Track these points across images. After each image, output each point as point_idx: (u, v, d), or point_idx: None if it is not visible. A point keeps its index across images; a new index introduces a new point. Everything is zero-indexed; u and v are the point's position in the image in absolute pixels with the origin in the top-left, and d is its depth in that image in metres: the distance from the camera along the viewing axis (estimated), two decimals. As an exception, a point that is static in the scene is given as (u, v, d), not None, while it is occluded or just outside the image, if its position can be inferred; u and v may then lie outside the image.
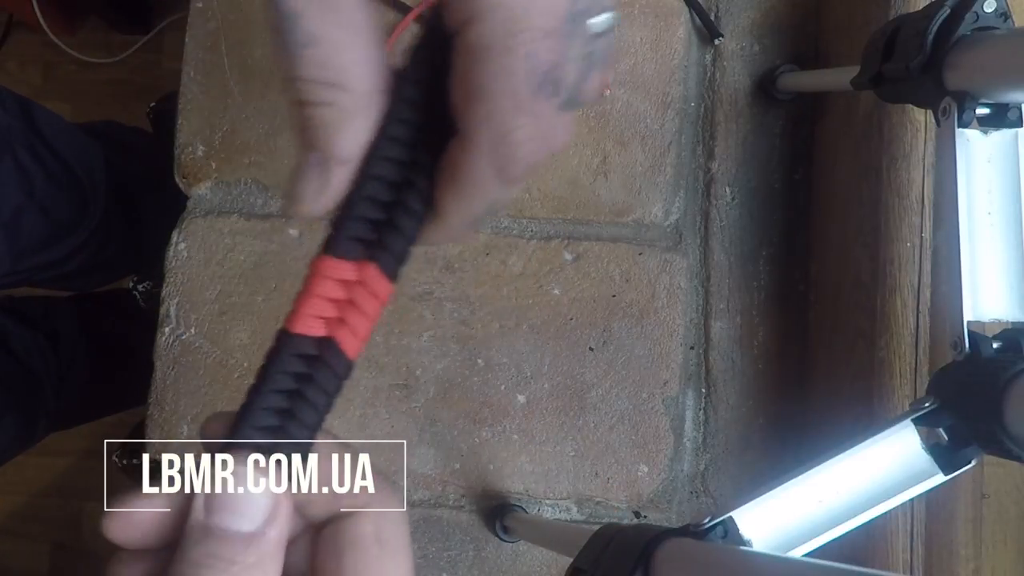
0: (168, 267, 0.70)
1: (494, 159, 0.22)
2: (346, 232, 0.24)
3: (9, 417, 0.88)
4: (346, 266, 0.23)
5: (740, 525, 0.42)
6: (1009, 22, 0.46)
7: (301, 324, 0.23)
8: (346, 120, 0.22)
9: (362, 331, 0.24)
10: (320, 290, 0.24)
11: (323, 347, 0.23)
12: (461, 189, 0.23)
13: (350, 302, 0.23)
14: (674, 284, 0.71)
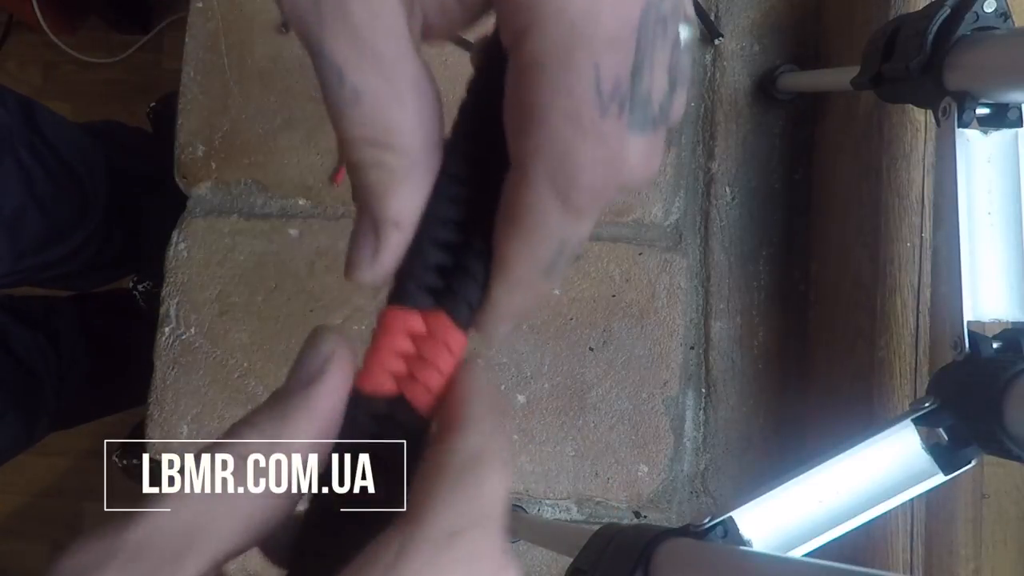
0: (168, 267, 0.70)
1: (554, 188, 0.19)
2: (412, 280, 0.22)
3: (9, 416, 0.88)
4: (414, 317, 0.22)
5: (740, 525, 0.42)
6: (1009, 22, 0.46)
7: (371, 382, 0.22)
8: (397, 182, 0.21)
9: (435, 386, 0.22)
10: (388, 345, 0.22)
11: (394, 406, 0.22)
12: (522, 229, 0.21)
13: (420, 356, 0.22)
14: (674, 284, 0.71)
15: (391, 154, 0.20)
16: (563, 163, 0.19)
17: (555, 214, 0.20)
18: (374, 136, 0.20)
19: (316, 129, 0.72)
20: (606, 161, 0.19)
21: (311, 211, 0.71)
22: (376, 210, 0.21)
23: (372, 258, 0.21)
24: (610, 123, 0.19)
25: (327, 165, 0.71)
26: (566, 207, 0.20)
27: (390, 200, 0.21)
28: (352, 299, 0.70)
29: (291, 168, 0.71)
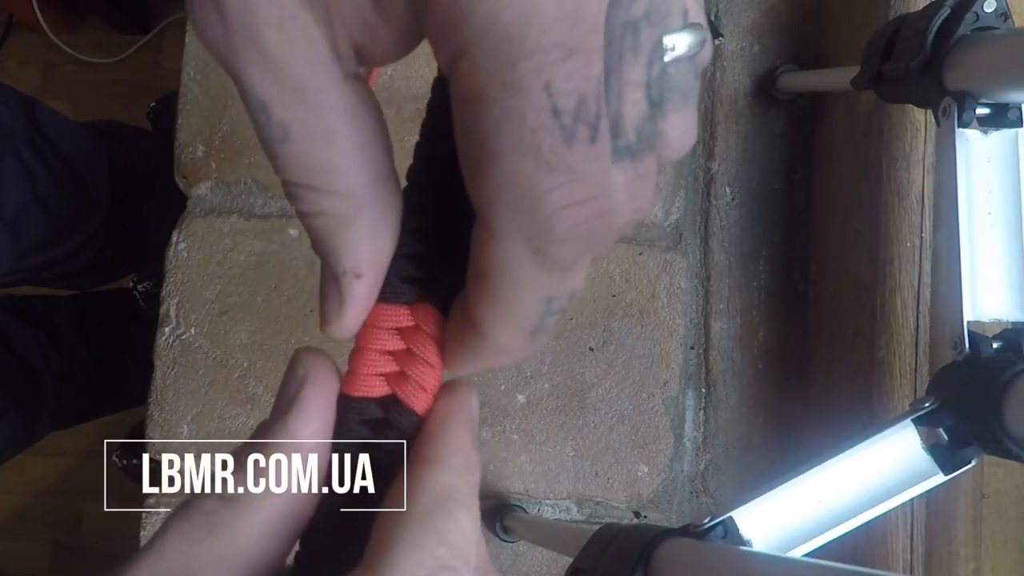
0: (168, 267, 0.70)
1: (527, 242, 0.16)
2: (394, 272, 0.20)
3: (10, 415, 0.88)
4: (399, 311, 0.20)
5: (740, 525, 0.42)
6: (1009, 22, 0.46)
7: (361, 385, 0.20)
8: (344, 228, 0.18)
9: (428, 383, 0.20)
10: (375, 343, 0.20)
11: (389, 408, 0.20)
12: (496, 293, 0.17)
13: (409, 352, 0.20)
14: (674, 284, 0.71)
15: (331, 198, 0.18)
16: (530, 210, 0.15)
17: (532, 273, 0.16)
18: (308, 179, 0.18)
19: (316, 129, 0.72)
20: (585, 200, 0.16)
21: (311, 211, 0.71)
22: (330, 262, 0.19)
23: (338, 312, 0.20)
24: (580, 151, 0.15)
25: (327, 165, 0.71)
26: (544, 263, 0.16)
27: (341, 249, 0.19)
28: (352, 299, 0.70)
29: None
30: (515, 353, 0.19)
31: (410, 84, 0.72)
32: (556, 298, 0.17)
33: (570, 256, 0.16)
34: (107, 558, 1.39)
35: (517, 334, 0.18)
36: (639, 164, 0.17)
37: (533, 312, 0.18)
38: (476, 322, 0.18)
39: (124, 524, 0.79)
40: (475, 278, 0.18)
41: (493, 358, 0.19)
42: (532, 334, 0.18)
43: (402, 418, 0.20)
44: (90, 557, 1.40)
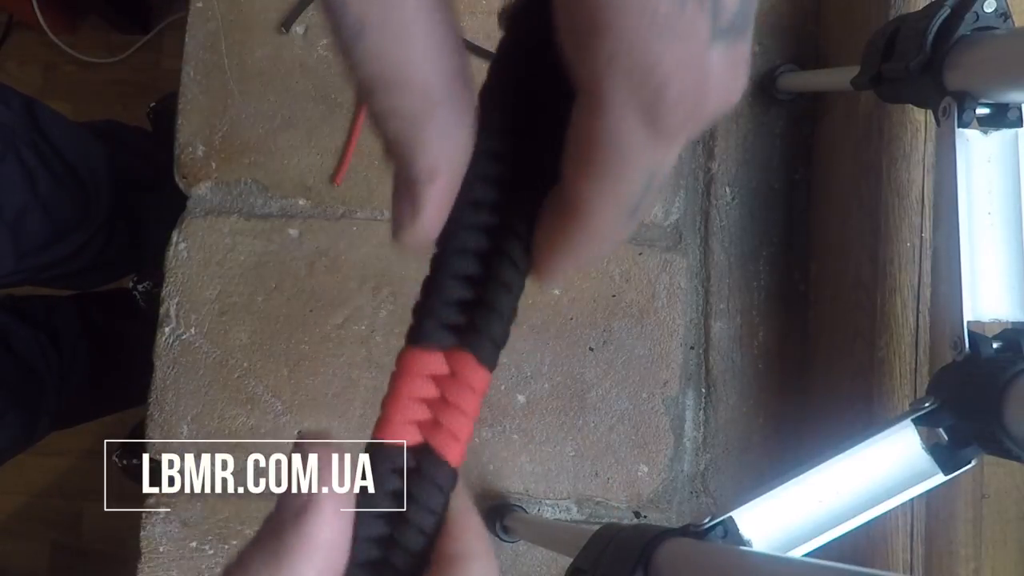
0: (168, 267, 0.70)
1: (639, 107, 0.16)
2: (431, 317, 0.20)
3: (10, 415, 0.88)
4: (435, 358, 0.20)
5: (740, 525, 0.42)
6: (1009, 22, 0.46)
7: (392, 432, 0.20)
8: (419, 128, 0.18)
9: (463, 433, 0.20)
10: (408, 391, 0.20)
11: (421, 457, 0.20)
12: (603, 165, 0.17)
13: (443, 400, 0.20)
14: (674, 284, 0.71)
15: (407, 95, 0.17)
16: (645, 72, 0.16)
17: (642, 140, 0.17)
18: (384, 75, 0.17)
19: (316, 129, 0.72)
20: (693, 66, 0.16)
21: (311, 211, 0.71)
22: (404, 164, 0.18)
23: (412, 218, 0.19)
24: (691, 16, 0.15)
25: (327, 165, 0.71)
26: (655, 130, 0.16)
27: (416, 150, 0.18)
28: (352, 299, 0.70)
29: (291, 168, 0.71)
30: (614, 236, 0.19)
31: (410, 84, 0.72)
32: (657, 173, 0.17)
33: (677, 123, 0.16)
34: (107, 558, 1.39)
35: (619, 213, 0.18)
36: (735, 47, 0.17)
37: (637, 187, 0.18)
38: (578, 205, 0.18)
39: (124, 524, 0.79)
40: (580, 157, 0.18)
41: (591, 245, 0.19)
42: (632, 214, 0.18)
43: (434, 468, 0.20)
44: (90, 557, 1.40)
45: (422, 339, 0.20)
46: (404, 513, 0.20)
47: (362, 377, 0.69)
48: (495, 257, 0.20)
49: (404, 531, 0.20)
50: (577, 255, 0.19)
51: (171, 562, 0.67)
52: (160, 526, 0.68)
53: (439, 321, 0.20)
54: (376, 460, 0.20)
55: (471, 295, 0.20)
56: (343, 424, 0.68)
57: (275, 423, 0.68)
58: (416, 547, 0.20)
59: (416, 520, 0.20)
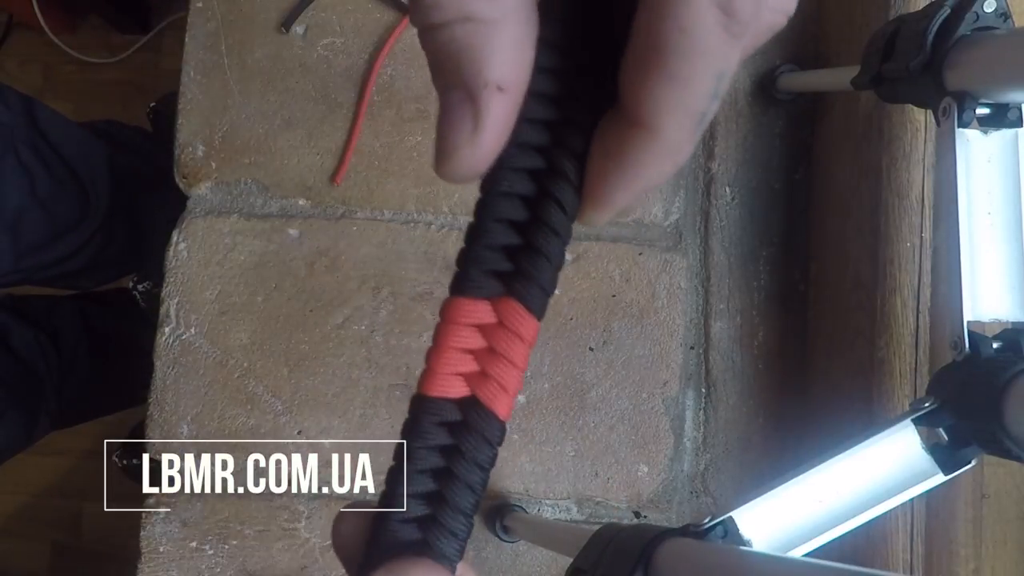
0: (168, 267, 0.70)
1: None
2: (477, 265, 0.19)
3: (10, 415, 0.88)
4: (481, 306, 0.19)
5: (740, 525, 0.42)
6: (1009, 22, 0.46)
7: (438, 385, 0.19)
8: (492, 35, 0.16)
9: (511, 384, 0.20)
10: (454, 341, 0.19)
11: (468, 410, 0.19)
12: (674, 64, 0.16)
13: (491, 350, 0.19)
14: (674, 284, 0.71)
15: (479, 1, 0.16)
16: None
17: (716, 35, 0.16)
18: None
19: (316, 129, 0.72)
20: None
21: (311, 211, 0.71)
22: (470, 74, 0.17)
23: (472, 135, 0.17)
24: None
25: (327, 165, 0.71)
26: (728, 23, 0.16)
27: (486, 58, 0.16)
28: (352, 299, 0.70)
29: (291, 168, 0.71)
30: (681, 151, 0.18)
31: (410, 84, 0.72)
32: (724, 74, 0.17)
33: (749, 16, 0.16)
34: (107, 558, 1.39)
35: (686, 121, 0.17)
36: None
37: (707, 89, 0.17)
38: (643, 118, 0.17)
39: (124, 524, 0.79)
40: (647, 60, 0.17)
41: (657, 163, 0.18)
42: (699, 123, 0.17)
43: (482, 421, 0.19)
44: (90, 557, 1.40)
45: (468, 287, 0.19)
46: (451, 468, 0.19)
47: (362, 377, 0.69)
48: (543, 200, 0.19)
49: (452, 487, 0.19)
50: (640, 179, 0.18)
51: (171, 562, 0.67)
52: (160, 526, 0.68)
53: (484, 268, 0.19)
54: (421, 414, 0.19)
55: (518, 241, 0.19)
56: (343, 424, 0.68)
57: (275, 423, 0.68)
58: (465, 505, 0.19)
59: (464, 476, 0.19)
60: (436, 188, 0.71)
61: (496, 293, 0.19)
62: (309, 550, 0.68)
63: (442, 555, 0.19)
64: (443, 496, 0.19)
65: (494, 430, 0.20)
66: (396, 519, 0.19)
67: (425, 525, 0.19)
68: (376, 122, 0.71)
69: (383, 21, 0.72)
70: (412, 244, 0.70)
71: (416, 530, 0.19)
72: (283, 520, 0.68)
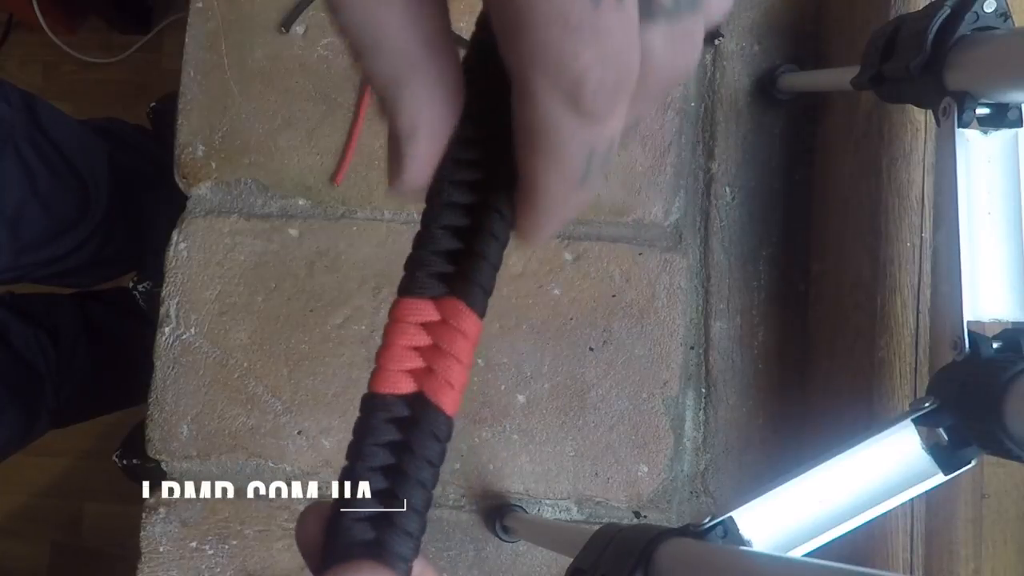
0: (168, 267, 0.70)
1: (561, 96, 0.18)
2: (422, 267, 0.20)
3: (9, 412, 0.88)
4: (426, 306, 0.20)
5: (740, 525, 0.42)
6: (1009, 22, 0.46)
7: (386, 382, 0.20)
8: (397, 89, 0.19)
9: (456, 380, 0.20)
10: (401, 339, 0.20)
11: (415, 406, 0.20)
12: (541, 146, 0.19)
13: (436, 347, 0.20)
14: (674, 284, 0.71)
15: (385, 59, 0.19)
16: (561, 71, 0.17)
17: (570, 123, 0.18)
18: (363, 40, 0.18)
19: (316, 129, 0.72)
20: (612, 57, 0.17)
21: (311, 211, 0.71)
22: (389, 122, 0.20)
23: (397, 172, 0.20)
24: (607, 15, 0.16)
25: (327, 165, 0.71)
26: (581, 113, 0.18)
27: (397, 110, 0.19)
28: (352, 299, 0.70)
29: (291, 168, 0.71)
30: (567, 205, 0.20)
31: (410, 84, 0.72)
32: (598, 146, 0.19)
33: (603, 107, 0.18)
34: (107, 558, 1.39)
35: (569, 183, 0.20)
36: (677, 25, 0.18)
37: (578, 161, 0.19)
38: (530, 180, 0.20)
39: (124, 524, 0.79)
40: (522, 139, 0.19)
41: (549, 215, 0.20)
42: (582, 181, 0.20)
43: (429, 416, 0.20)
44: (90, 557, 1.40)
45: (413, 287, 0.20)
46: (401, 465, 0.20)
47: (362, 377, 0.68)
48: (482, 209, 0.21)
49: (403, 485, 0.20)
50: (541, 223, 0.21)
51: (171, 562, 0.67)
52: (160, 526, 0.68)
53: (429, 271, 0.21)
54: (371, 411, 0.20)
55: (460, 245, 0.21)
56: (343, 424, 0.68)
57: (275, 423, 0.68)
58: (417, 503, 0.20)
59: (413, 472, 0.20)
60: (436, 188, 0.71)
61: (440, 293, 0.20)
62: (309, 550, 0.68)
63: (396, 554, 0.19)
64: (395, 494, 0.20)
65: (441, 425, 0.20)
66: (350, 518, 0.19)
67: (378, 524, 0.20)
68: (376, 122, 0.71)
69: None
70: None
71: (370, 529, 0.19)
72: (283, 520, 0.68)
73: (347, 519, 0.19)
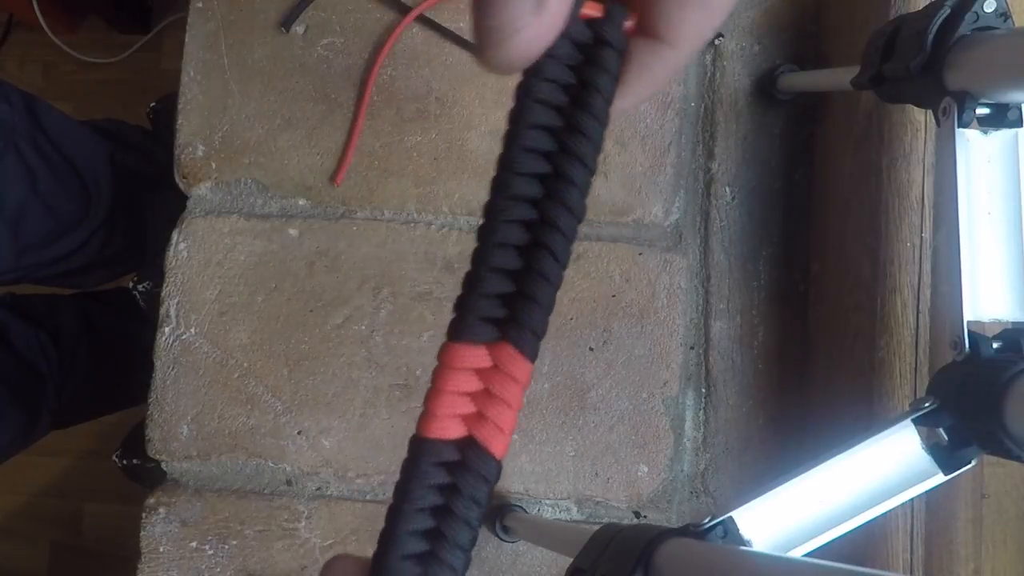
0: (168, 267, 0.70)
1: None
2: (473, 312, 0.20)
3: (11, 413, 0.88)
4: (478, 352, 0.20)
5: (740, 525, 0.42)
6: (1009, 22, 0.46)
7: (436, 427, 0.20)
8: None
9: (506, 424, 0.20)
10: (452, 385, 0.20)
11: (465, 450, 0.20)
12: None
13: (487, 392, 0.20)
14: (674, 284, 0.71)
15: None
16: None
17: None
18: None
19: (316, 129, 0.72)
20: None
21: (311, 211, 0.71)
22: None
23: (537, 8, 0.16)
24: None
25: (327, 165, 0.71)
26: None
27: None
28: (352, 299, 0.70)
29: (291, 168, 0.71)
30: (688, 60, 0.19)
31: (410, 84, 0.72)
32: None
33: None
34: (107, 558, 1.39)
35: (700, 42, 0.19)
36: None
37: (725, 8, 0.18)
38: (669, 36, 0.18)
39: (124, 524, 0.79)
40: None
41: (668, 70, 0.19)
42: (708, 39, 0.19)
43: (480, 460, 0.20)
44: (90, 557, 1.40)
45: (464, 333, 0.20)
46: (450, 506, 0.20)
47: (362, 377, 0.69)
48: (535, 249, 0.21)
49: (450, 524, 0.20)
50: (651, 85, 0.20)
51: (171, 562, 0.67)
52: (160, 526, 0.68)
53: (480, 314, 0.20)
54: (420, 455, 0.20)
55: (511, 288, 0.21)
56: (343, 424, 0.68)
57: (275, 423, 0.68)
58: (463, 541, 0.20)
59: (462, 513, 0.20)
60: (436, 188, 0.71)
61: (492, 338, 0.20)
62: (309, 550, 0.68)
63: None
64: (442, 533, 0.20)
65: (491, 469, 0.20)
66: (396, 555, 0.20)
67: (424, 561, 0.20)
68: (376, 122, 0.71)
69: (383, 21, 0.72)
70: (412, 244, 0.70)
71: (415, 566, 0.20)
72: (283, 520, 0.68)
73: (393, 556, 0.20)
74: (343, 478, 0.69)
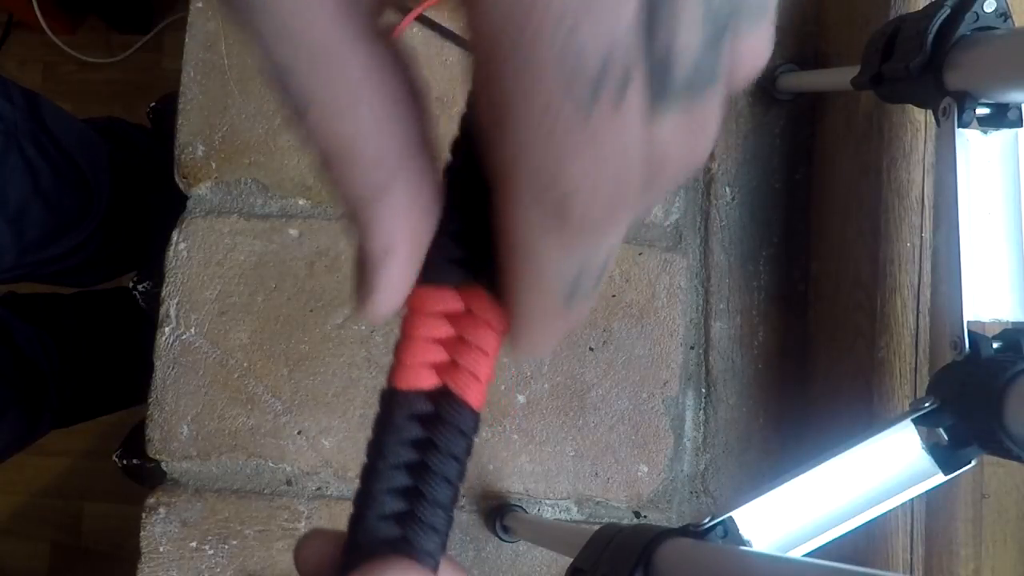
0: (168, 267, 0.70)
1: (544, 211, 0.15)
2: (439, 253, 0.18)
3: (12, 412, 0.88)
4: (448, 294, 0.19)
5: (740, 525, 0.42)
6: (1009, 22, 0.46)
7: (407, 377, 0.19)
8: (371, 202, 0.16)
9: (482, 372, 0.19)
10: (422, 331, 0.19)
11: (440, 401, 0.19)
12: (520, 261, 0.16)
13: (460, 339, 0.19)
14: (674, 284, 0.71)
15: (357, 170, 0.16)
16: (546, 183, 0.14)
17: (554, 241, 0.15)
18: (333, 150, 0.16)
19: (316, 129, 0.72)
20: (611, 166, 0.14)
21: (311, 211, 0.71)
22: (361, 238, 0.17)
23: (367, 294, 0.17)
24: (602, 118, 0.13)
25: (327, 165, 0.71)
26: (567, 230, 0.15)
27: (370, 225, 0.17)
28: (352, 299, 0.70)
29: (291, 168, 0.71)
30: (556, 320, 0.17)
31: (410, 84, 0.72)
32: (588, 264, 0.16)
33: (595, 224, 0.15)
34: (107, 558, 1.39)
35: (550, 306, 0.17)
36: (695, 106, 0.14)
37: (562, 283, 0.16)
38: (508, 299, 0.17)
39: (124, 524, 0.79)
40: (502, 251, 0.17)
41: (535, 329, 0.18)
42: (567, 300, 0.17)
43: (454, 412, 0.19)
44: (90, 557, 1.40)
45: (432, 276, 0.18)
46: (425, 461, 0.19)
47: (362, 377, 0.69)
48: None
49: (428, 481, 0.19)
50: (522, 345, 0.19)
51: (171, 562, 0.67)
52: (160, 526, 0.68)
53: (448, 256, 0.18)
54: (392, 407, 0.19)
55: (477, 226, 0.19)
56: (343, 424, 0.68)
57: (275, 423, 0.68)
58: (442, 498, 0.19)
59: (439, 468, 0.19)
60: (436, 188, 0.71)
61: (462, 280, 0.19)
62: (309, 550, 0.68)
63: (423, 551, 0.19)
64: (420, 491, 0.19)
65: (467, 420, 0.19)
66: (373, 516, 0.19)
67: (403, 521, 0.19)
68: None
69: (383, 21, 0.72)
70: (412, 244, 0.70)
71: (394, 526, 0.19)
72: (283, 520, 0.68)
73: (371, 517, 0.19)
74: (343, 478, 0.69)
